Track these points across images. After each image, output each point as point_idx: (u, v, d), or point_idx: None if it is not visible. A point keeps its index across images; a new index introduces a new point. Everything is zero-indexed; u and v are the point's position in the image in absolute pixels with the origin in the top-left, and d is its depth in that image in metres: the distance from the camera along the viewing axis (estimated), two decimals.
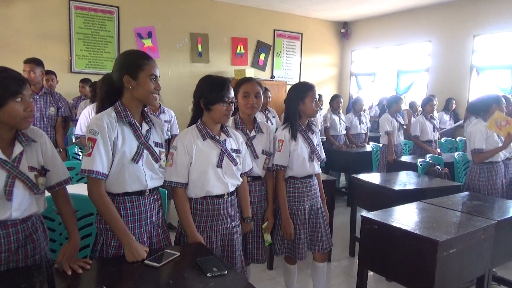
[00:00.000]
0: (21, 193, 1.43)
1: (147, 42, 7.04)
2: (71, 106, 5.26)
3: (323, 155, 2.54)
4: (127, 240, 1.55)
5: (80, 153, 4.20)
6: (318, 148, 2.46)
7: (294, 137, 2.35)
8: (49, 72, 4.79)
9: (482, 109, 3.39)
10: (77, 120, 4.81)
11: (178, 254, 1.60)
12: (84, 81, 5.78)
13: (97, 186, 1.55)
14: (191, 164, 1.83)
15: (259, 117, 4.86)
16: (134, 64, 1.61)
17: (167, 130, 4.18)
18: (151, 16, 6.99)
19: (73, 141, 4.68)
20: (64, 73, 6.23)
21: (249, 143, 2.24)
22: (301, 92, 2.36)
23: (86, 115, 3.83)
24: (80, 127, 3.87)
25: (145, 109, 1.75)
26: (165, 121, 4.14)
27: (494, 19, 6.62)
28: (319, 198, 2.53)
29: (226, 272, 1.46)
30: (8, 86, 1.36)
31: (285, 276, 2.67)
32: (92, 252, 1.64)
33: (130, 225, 1.63)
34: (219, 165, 1.86)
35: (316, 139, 2.49)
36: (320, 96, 5.84)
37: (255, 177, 2.30)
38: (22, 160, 1.45)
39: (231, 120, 2.25)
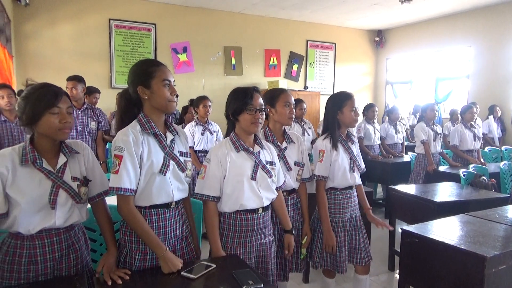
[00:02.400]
0: (64, 202, 1.49)
1: (183, 57, 7.24)
2: (110, 120, 5.49)
3: (363, 165, 2.48)
4: (162, 252, 1.54)
5: None
6: (358, 158, 2.41)
7: (335, 147, 2.31)
8: (95, 91, 5.03)
9: None
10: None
11: (214, 266, 1.60)
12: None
13: (127, 203, 1.55)
14: (224, 177, 1.82)
15: (296, 128, 4.85)
16: (145, 73, 1.59)
17: (215, 140, 4.29)
18: (186, 32, 7.20)
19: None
20: (105, 89, 6.49)
21: (282, 155, 2.21)
22: (339, 101, 2.33)
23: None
24: None
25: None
26: (213, 131, 4.30)
27: None
28: (358, 210, 2.46)
29: (262, 285, 1.44)
30: (44, 99, 1.43)
31: None
32: (117, 265, 1.62)
33: None
34: (253, 177, 1.84)
35: (356, 149, 2.43)
36: (373, 105, 5.74)
37: (290, 191, 2.27)
38: (66, 171, 1.51)
39: (261, 133, 2.22)
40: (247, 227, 1.85)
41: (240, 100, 1.82)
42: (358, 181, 2.43)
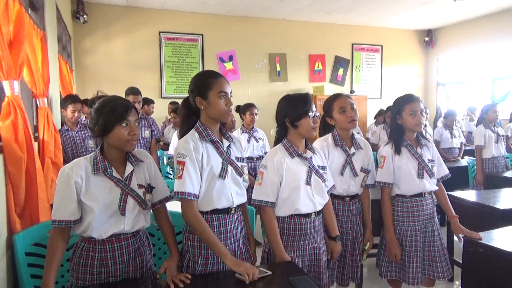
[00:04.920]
0: (132, 208, 1.58)
1: (228, 65, 7.39)
2: (162, 129, 5.72)
3: (444, 171, 2.40)
4: (225, 254, 1.58)
5: (171, 172, 4.51)
6: (431, 164, 2.31)
7: (397, 151, 2.26)
8: (151, 102, 5.27)
9: None
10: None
11: (270, 273, 1.61)
12: (175, 111, 5.72)
13: (191, 207, 1.61)
14: (281, 182, 1.85)
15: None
16: (203, 84, 1.67)
17: (261, 147, 4.36)
18: (232, 41, 7.35)
19: (165, 161, 5.06)
20: (155, 99, 6.77)
21: (349, 160, 2.21)
22: (398, 106, 2.31)
23: (176, 137, 4.12)
24: (173, 148, 4.18)
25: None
26: (259, 138, 4.34)
27: None
28: (436, 219, 2.38)
29: None
30: (116, 113, 1.53)
31: None
32: (179, 269, 1.69)
33: None
34: (308, 182, 1.87)
35: (430, 154, 2.34)
36: (426, 108, 5.57)
37: (353, 196, 2.27)
38: (133, 179, 1.61)
39: (330, 138, 2.25)
40: (300, 231, 1.88)
41: (301, 107, 1.85)
42: (430, 187, 2.32)
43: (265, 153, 4.31)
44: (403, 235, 2.28)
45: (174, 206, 2.27)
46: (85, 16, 6.15)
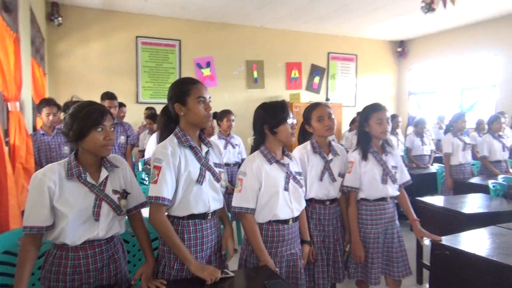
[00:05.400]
0: (106, 214, 1.57)
1: (206, 71, 7.40)
2: (137, 134, 5.65)
3: (406, 177, 2.50)
4: (189, 260, 1.59)
5: (146, 179, 4.47)
6: (394, 170, 2.41)
7: (364, 158, 2.36)
8: (121, 105, 5.18)
9: None
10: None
11: (233, 275, 1.64)
12: (151, 117, 5.59)
13: (160, 212, 1.62)
14: (260, 189, 1.87)
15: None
16: (181, 91, 1.69)
17: (238, 153, 4.38)
18: (210, 47, 7.38)
19: (140, 167, 5.00)
20: (131, 104, 6.72)
21: (327, 166, 2.30)
22: (366, 114, 2.39)
23: (153, 143, 4.08)
24: (149, 152, 4.14)
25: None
26: (236, 145, 4.37)
27: None
28: (397, 221, 2.47)
29: None
30: (91, 118, 1.52)
31: None
32: (155, 275, 1.68)
33: (192, 249, 1.68)
34: (287, 188, 1.90)
35: (394, 161, 2.45)
36: (396, 116, 5.73)
37: (332, 200, 2.35)
38: (107, 184, 1.60)
39: (308, 145, 2.33)
40: (278, 237, 1.90)
41: (279, 114, 1.89)
42: (392, 192, 2.42)
43: (242, 160, 4.35)
44: (366, 237, 2.37)
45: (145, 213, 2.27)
46: (59, 18, 6.04)
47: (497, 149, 4.76)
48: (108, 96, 3.85)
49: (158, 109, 5.74)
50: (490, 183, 3.77)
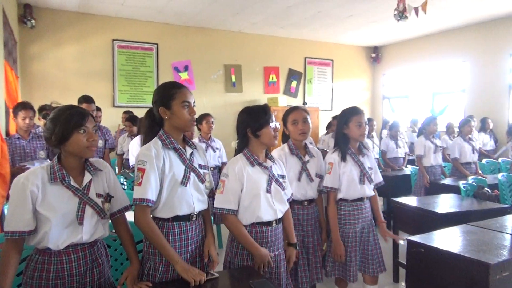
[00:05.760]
0: (90, 217, 1.57)
1: (184, 75, 7.38)
2: (115, 138, 5.57)
3: (379, 179, 2.60)
4: (176, 260, 1.61)
5: (125, 183, 4.42)
6: (370, 171, 2.51)
7: (343, 159, 2.43)
8: (97, 109, 5.07)
9: None
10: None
11: (217, 275, 1.67)
12: (130, 120, 5.38)
13: (145, 214, 1.64)
14: (242, 190, 1.90)
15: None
16: (166, 95, 1.71)
17: (218, 157, 4.40)
18: (187, 51, 7.37)
19: (116, 171, 4.94)
20: (107, 108, 6.63)
21: (304, 167, 2.37)
22: (345, 117, 2.47)
23: (136, 146, 4.04)
24: (133, 156, 4.09)
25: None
26: (216, 148, 4.39)
27: None
28: (372, 221, 2.56)
29: None
30: (73, 120, 1.52)
31: None
32: (140, 277, 1.70)
33: (177, 250, 1.69)
34: (269, 190, 1.93)
35: (369, 162, 2.54)
36: (371, 120, 5.88)
37: (310, 200, 2.41)
38: (91, 188, 1.60)
39: (286, 147, 2.40)
40: (261, 239, 1.93)
41: (262, 117, 1.94)
42: (369, 193, 2.53)
43: (222, 163, 4.37)
44: (345, 236, 2.45)
45: (132, 216, 2.26)
46: (33, 21, 5.90)
47: (467, 151, 4.98)
48: (86, 99, 3.80)
49: (136, 112, 5.69)
50: (461, 184, 3.94)
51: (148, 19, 6.92)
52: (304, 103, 8.49)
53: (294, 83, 8.55)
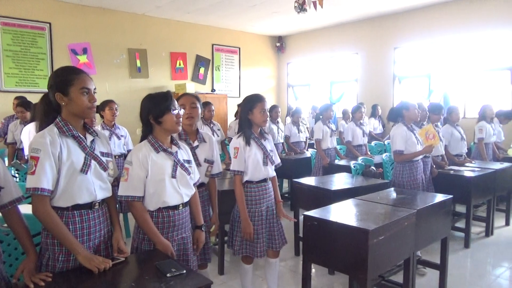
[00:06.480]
0: None
1: (83, 58, 6.89)
2: (3, 126, 5.03)
3: (278, 160, 2.77)
4: (78, 250, 1.60)
5: (16, 175, 4.04)
6: (271, 153, 2.68)
7: (248, 143, 2.56)
8: None
9: (396, 115, 3.85)
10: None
11: (123, 259, 1.71)
12: (22, 105, 4.91)
13: (43, 203, 1.58)
14: (147, 177, 1.91)
15: (205, 130, 5.00)
16: (63, 80, 1.65)
17: (124, 145, 4.25)
18: (86, 32, 6.88)
19: (6, 162, 4.48)
20: None
21: (193, 152, 2.39)
22: (250, 103, 2.59)
23: (31, 134, 3.71)
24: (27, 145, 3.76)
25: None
26: (121, 136, 4.23)
27: (410, 32, 7.42)
28: (274, 200, 2.74)
29: (185, 271, 1.59)
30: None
31: (241, 277, 2.81)
32: (38, 269, 1.63)
33: (78, 239, 1.65)
34: (174, 176, 1.97)
35: (270, 145, 2.71)
36: (276, 106, 6.13)
37: (199, 185, 2.43)
38: None
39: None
40: (169, 223, 1.97)
41: (162, 103, 1.95)
42: (272, 173, 2.71)
43: (128, 151, 4.24)
44: (251, 216, 2.61)
45: (27, 209, 2.11)
46: None
47: (359, 135, 5.57)
48: None
49: (29, 98, 5.18)
50: (352, 164, 4.41)
51: None
52: (213, 90, 8.56)
53: (202, 70, 8.54)
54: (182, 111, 2.06)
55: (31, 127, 3.73)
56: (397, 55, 7.73)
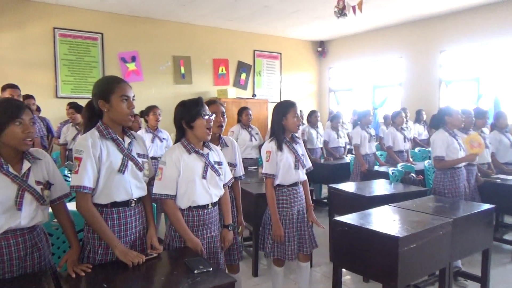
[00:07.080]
0: (29, 203, 1.63)
1: (131, 66, 7.28)
2: (58, 130, 5.44)
3: (309, 164, 2.81)
4: (115, 245, 1.74)
5: (69, 175, 4.37)
6: (303, 157, 2.72)
7: (280, 147, 2.62)
8: (29, 97, 4.85)
9: (439, 122, 3.72)
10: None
11: (156, 255, 1.83)
12: (73, 107, 5.31)
13: (85, 200, 1.74)
14: (179, 177, 2.03)
15: (243, 134, 5.11)
16: (106, 88, 1.81)
17: (165, 147, 4.49)
18: (135, 41, 7.26)
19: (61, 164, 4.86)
20: (50, 98, 6.42)
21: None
22: (284, 109, 2.66)
23: None
24: None
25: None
26: (163, 139, 4.49)
27: (457, 35, 7.11)
28: (305, 204, 2.77)
29: (211, 268, 1.67)
30: (7, 112, 1.58)
31: (272, 279, 2.86)
32: (81, 260, 1.78)
33: (116, 235, 1.79)
34: (204, 176, 2.07)
35: (301, 150, 2.75)
36: (301, 112, 6.16)
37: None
38: (30, 175, 1.66)
39: None
40: (198, 222, 2.08)
41: (194, 109, 2.07)
42: (303, 177, 2.75)
43: None
44: (282, 219, 2.66)
45: (73, 206, 2.30)
46: None
47: (400, 140, 5.42)
48: (9, 85, 3.86)
49: (82, 104, 5.56)
50: (390, 170, 4.32)
51: (91, 8, 6.73)
52: (254, 95, 8.69)
53: (243, 75, 8.70)
54: (213, 116, 2.16)
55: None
56: (443, 58, 7.44)
